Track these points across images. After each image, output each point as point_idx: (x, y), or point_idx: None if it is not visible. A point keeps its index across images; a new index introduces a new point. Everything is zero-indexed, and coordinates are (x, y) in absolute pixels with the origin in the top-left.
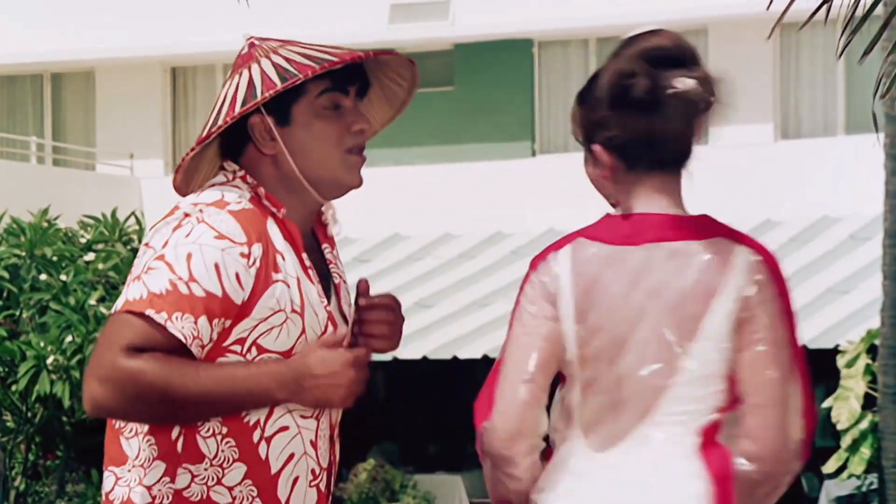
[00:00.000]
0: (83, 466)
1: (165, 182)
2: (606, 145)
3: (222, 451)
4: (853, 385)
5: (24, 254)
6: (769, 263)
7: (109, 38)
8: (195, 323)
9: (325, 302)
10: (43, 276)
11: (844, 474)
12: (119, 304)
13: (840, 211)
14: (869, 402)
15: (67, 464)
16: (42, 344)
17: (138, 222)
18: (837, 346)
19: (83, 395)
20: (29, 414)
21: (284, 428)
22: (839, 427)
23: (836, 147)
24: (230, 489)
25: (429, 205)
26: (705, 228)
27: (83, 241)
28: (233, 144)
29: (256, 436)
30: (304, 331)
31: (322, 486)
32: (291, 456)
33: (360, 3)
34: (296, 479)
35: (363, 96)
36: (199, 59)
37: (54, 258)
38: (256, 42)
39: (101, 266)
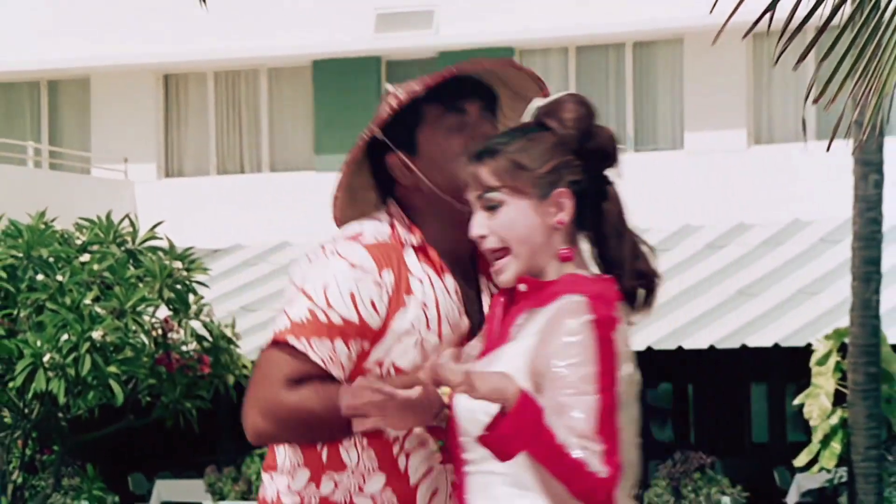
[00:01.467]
0: (78, 461)
1: (158, 185)
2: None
3: (363, 460)
4: (823, 382)
5: (21, 255)
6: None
7: (104, 46)
8: (332, 347)
9: (467, 322)
10: (40, 277)
11: (815, 468)
12: (269, 337)
13: (811, 215)
14: (839, 399)
15: (63, 459)
16: (39, 343)
17: (132, 225)
18: (809, 344)
19: (245, 425)
20: (26, 410)
21: (423, 444)
22: (811, 423)
23: (806, 152)
24: (372, 497)
25: None
26: None
27: (79, 242)
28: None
29: (396, 449)
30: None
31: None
32: (430, 469)
33: (347, 13)
34: (435, 491)
35: (493, 108)
36: (190, 67)
37: (51, 259)
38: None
39: (96, 267)
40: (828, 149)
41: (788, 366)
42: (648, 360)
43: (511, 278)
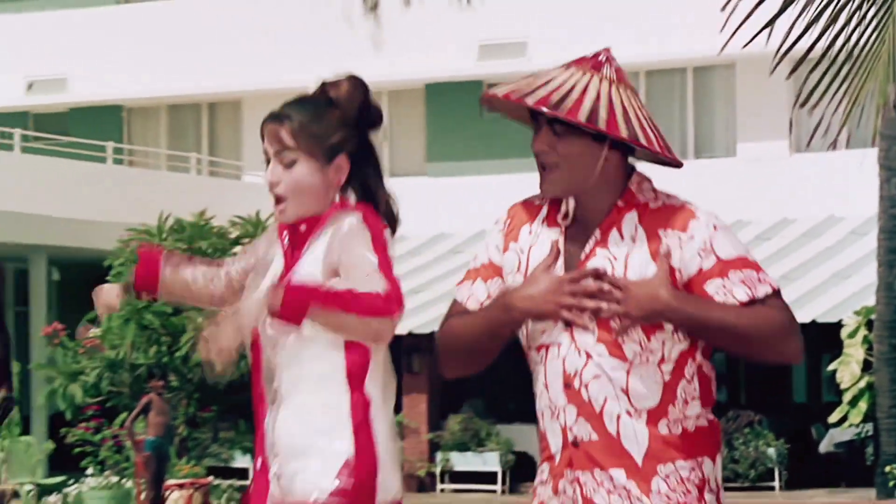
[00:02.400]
0: (232, 417)
1: None
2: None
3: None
4: (853, 352)
5: (185, 246)
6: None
7: (254, 72)
8: (471, 286)
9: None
10: None
11: (846, 424)
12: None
13: (843, 212)
14: (866, 366)
15: (220, 416)
16: (200, 319)
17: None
18: (840, 320)
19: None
20: (189, 376)
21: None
22: (842, 386)
23: (839, 159)
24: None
25: None
26: None
27: (232, 236)
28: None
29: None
30: None
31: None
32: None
33: (454, 43)
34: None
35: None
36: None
37: (209, 250)
38: (611, 59)
39: None
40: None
41: (824, 338)
42: None
43: (291, 218)
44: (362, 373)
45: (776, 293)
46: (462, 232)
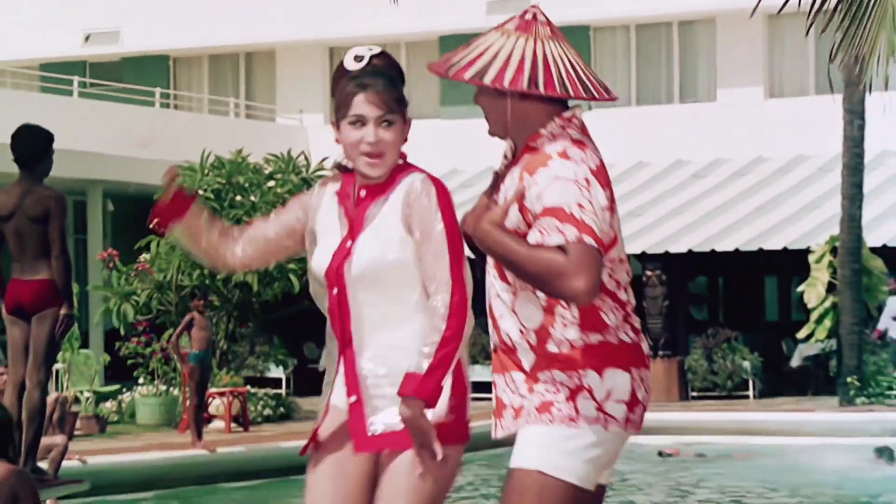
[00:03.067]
0: (267, 334)
1: (325, 130)
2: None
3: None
4: (820, 276)
5: (224, 182)
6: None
7: (286, 25)
8: None
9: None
10: (238, 198)
11: (812, 340)
12: None
13: (811, 151)
14: (831, 288)
15: (256, 332)
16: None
17: (306, 159)
18: (809, 247)
19: None
20: (229, 296)
21: None
22: (809, 306)
23: (808, 104)
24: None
25: None
26: None
27: (266, 172)
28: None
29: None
30: None
31: None
32: None
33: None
34: None
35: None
36: (353, 42)
37: (246, 184)
38: (539, 17)
39: (279, 190)
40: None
41: (794, 263)
42: (689, 259)
43: (384, 174)
44: None
45: (578, 241)
46: (472, 168)
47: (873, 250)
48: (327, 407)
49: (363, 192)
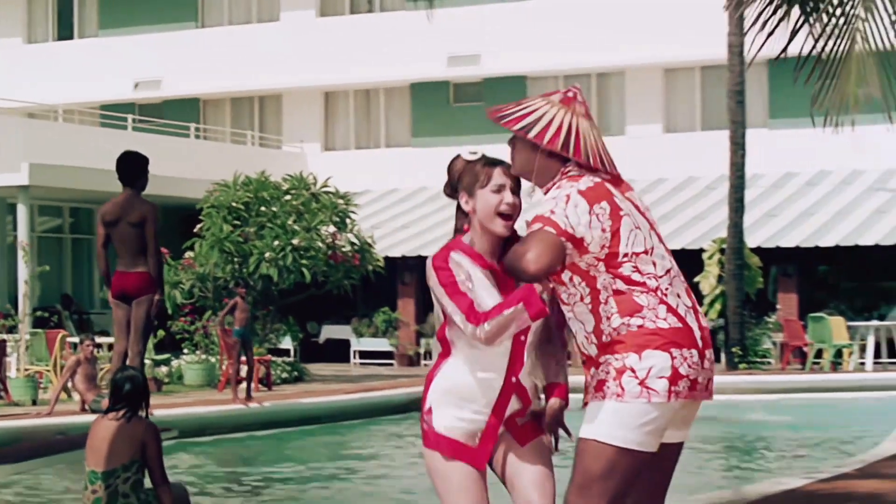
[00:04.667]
0: (282, 315)
1: (321, 156)
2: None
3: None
4: (711, 269)
5: (252, 196)
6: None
7: (291, 74)
8: None
9: None
10: (262, 208)
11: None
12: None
13: (699, 173)
14: (720, 279)
15: (274, 313)
16: (262, 246)
17: (314, 178)
18: (702, 248)
19: None
20: (252, 284)
21: None
22: (703, 293)
23: (695, 137)
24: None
25: None
26: None
27: (284, 188)
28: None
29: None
30: None
31: None
32: None
33: (425, 53)
34: None
35: None
36: (344, 87)
37: (268, 198)
38: (578, 97)
39: (294, 202)
40: None
41: (691, 260)
42: None
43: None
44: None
45: (538, 229)
46: (437, 186)
47: (752, 250)
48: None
49: (487, 255)
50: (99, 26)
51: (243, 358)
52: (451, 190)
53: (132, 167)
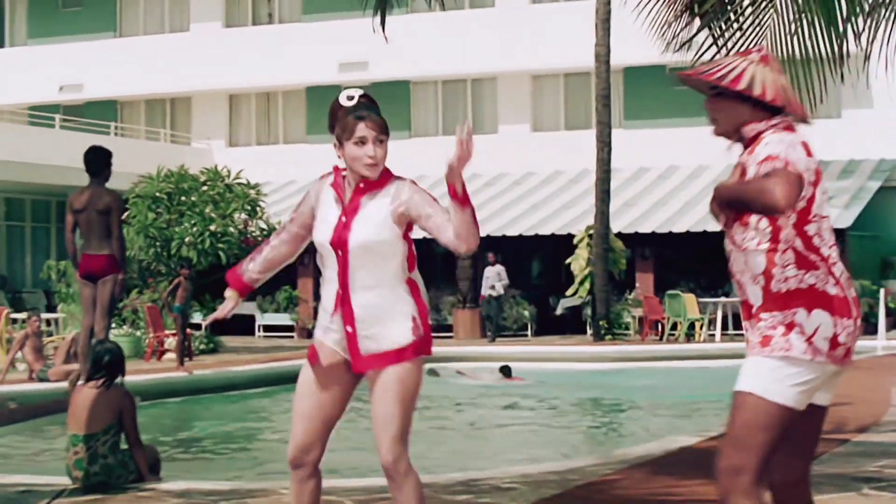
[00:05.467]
0: (202, 295)
1: (225, 151)
2: None
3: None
4: (581, 252)
5: (173, 186)
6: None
7: (198, 77)
8: None
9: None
10: (182, 198)
11: (576, 296)
12: None
13: (565, 167)
14: (589, 261)
15: (192, 292)
16: (181, 231)
17: (228, 171)
18: (571, 233)
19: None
20: (174, 266)
21: None
22: (574, 273)
23: (561, 136)
24: None
25: None
26: None
27: (202, 179)
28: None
29: None
30: None
31: None
32: None
33: (319, 60)
34: None
35: None
36: (247, 90)
37: (187, 188)
38: (771, 56)
39: (210, 193)
40: None
41: (565, 246)
42: (490, 240)
43: (377, 177)
44: (413, 263)
45: (782, 167)
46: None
47: (616, 235)
48: (319, 342)
49: (362, 185)
50: (27, 35)
51: (173, 331)
52: (331, 129)
53: (98, 160)
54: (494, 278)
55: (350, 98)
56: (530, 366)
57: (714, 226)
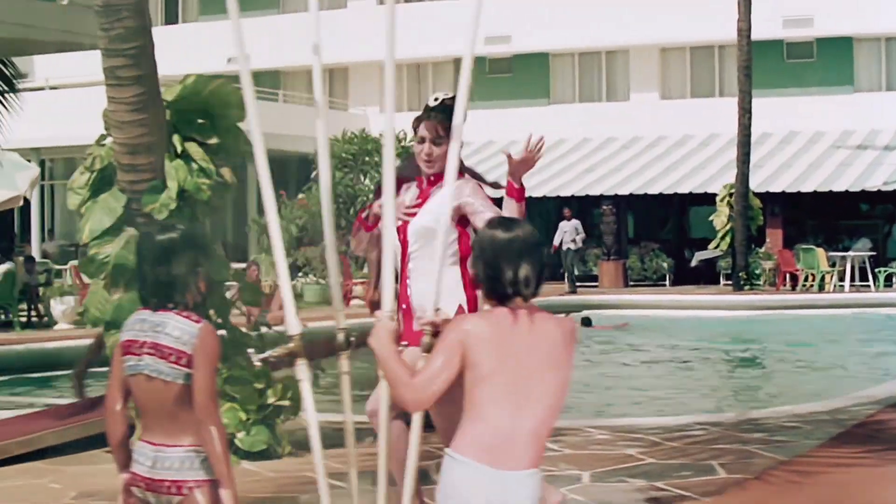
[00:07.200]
0: None
1: (380, 118)
2: None
3: None
4: (723, 209)
5: (357, 148)
6: None
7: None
8: None
9: None
10: (367, 158)
11: (717, 250)
12: None
13: (696, 132)
14: (730, 218)
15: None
16: (366, 189)
17: (403, 135)
18: (715, 193)
19: None
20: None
21: None
22: (716, 228)
23: (690, 103)
24: None
25: None
26: None
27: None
28: None
29: None
30: None
31: None
32: None
33: (463, 34)
34: None
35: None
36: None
37: (370, 150)
38: None
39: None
40: None
41: (710, 201)
42: (629, 198)
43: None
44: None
45: None
46: None
47: (754, 194)
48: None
49: (432, 178)
50: (199, 13)
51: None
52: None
53: None
54: (572, 232)
55: (436, 99)
56: (670, 313)
57: (838, 186)
